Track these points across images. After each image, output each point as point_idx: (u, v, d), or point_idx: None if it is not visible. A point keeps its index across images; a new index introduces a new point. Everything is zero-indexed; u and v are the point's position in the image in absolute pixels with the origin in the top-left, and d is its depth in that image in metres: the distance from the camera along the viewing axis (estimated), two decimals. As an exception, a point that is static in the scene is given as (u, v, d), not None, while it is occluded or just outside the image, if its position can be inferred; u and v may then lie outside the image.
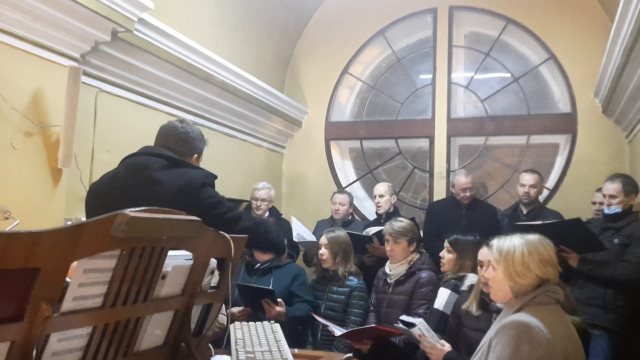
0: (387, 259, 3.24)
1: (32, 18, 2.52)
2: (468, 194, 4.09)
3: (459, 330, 2.46)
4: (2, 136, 2.46)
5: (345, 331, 2.45)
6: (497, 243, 1.79)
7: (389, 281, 3.12)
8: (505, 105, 5.15)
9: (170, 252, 1.29)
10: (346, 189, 5.22)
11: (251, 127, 4.96)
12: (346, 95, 5.75)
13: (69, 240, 0.99)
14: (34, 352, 1.00)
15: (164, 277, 1.30)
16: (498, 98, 5.17)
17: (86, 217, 2.04)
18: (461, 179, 4.11)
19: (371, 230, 3.87)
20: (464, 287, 2.59)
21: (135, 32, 3.06)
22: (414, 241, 3.16)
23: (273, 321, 1.98)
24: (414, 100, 5.44)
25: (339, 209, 4.46)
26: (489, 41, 5.20)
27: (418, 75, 5.48)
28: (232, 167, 4.54)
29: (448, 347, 2.25)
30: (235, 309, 2.95)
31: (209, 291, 1.56)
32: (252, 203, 4.23)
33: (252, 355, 1.61)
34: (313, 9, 5.66)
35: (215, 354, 1.68)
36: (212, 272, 1.53)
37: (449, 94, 5.20)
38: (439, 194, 5.08)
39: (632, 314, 3.14)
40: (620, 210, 3.21)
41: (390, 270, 3.14)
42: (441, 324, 2.61)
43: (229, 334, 1.80)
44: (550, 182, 4.91)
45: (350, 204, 4.57)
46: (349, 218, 4.56)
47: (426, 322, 2.39)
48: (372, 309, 3.19)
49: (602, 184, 3.42)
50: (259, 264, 3.22)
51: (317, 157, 5.62)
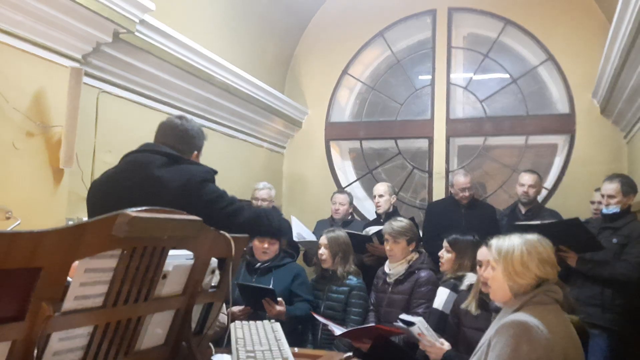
0: (386, 259, 3.25)
1: (33, 19, 2.53)
2: (467, 194, 4.10)
3: (459, 329, 2.46)
4: (3, 136, 2.46)
5: (345, 330, 2.46)
6: (496, 243, 1.79)
7: (388, 280, 3.13)
8: (504, 105, 5.16)
9: (171, 252, 1.29)
10: (346, 189, 5.22)
11: (251, 127, 4.96)
12: (346, 96, 5.75)
13: (71, 240, 0.99)
14: (35, 352, 1.00)
15: (164, 277, 1.31)
16: (497, 99, 5.17)
17: (88, 214, 2.05)
18: (460, 179, 4.12)
19: (371, 230, 3.88)
20: (463, 287, 2.60)
21: (136, 33, 3.07)
22: (413, 241, 3.17)
23: (273, 320, 1.99)
24: (413, 100, 5.45)
25: (339, 209, 4.47)
26: (487, 42, 5.21)
27: (417, 76, 5.49)
28: (232, 167, 4.54)
29: (447, 345, 2.26)
30: (236, 308, 2.96)
31: (210, 290, 1.57)
32: (253, 203, 4.24)
33: (253, 354, 1.62)
34: (313, 10, 5.66)
35: (216, 353, 1.69)
36: (213, 272, 1.54)
37: (448, 94, 5.21)
38: (438, 194, 5.09)
39: (631, 313, 3.14)
40: (618, 210, 3.22)
41: (390, 270, 3.15)
42: (440, 323, 2.62)
43: (229, 333, 1.81)
44: (549, 182, 4.92)
45: (350, 204, 4.57)
46: (349, 218, 4.56)
47: (425, 321, 2.40)
48: (371, 308, 3.20)
49: (601, 184, 3.42)
50: (259, 264, 3.23)
51: (317, 157, 5.62)
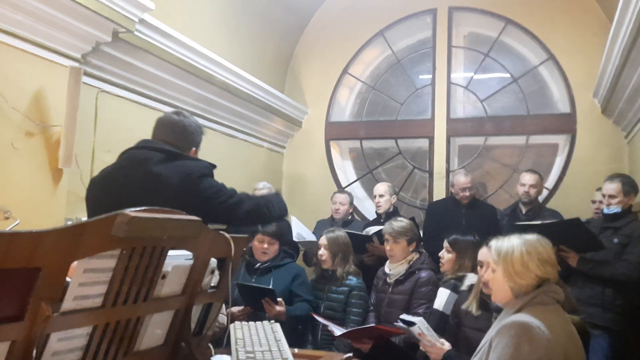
0: (387, 259, 3.24)
1: (33, 18, 2.52)
2: (467, 194, 4.10)
3: (459, 329, 2.46)
4: (3, 136, 2.46)
5: (345, 331, 2.45)
6: (496, 244, 1.78)
7: (388, 281, 3.12)
8: (504, 105, 5.15)
9: (171, 252, 1.29)
10: (346, 189, 5.22)
11: (251, 127, 4.96)
12: (346, 95, 5.75)
13: (70, 240, 0.99)
14: (34, 352, 1.00)
15: (164, 277, 1.31)
16: (497, 98, 5.17)
17: (87, 212, 2.05)
18: (460, 179, 4.12)
19: (371, 230, 3.87)
20: (463, 287, 2.59)
21: (136, 32, 3.07)
22: (413, 241, 3.17)
23: (273, 321, 1.99)
24: (413, 100, 5.44)
25: (339, 209, 4.46)
26: (488, 41, 5.20)
27: (418, 75, 5.48)
28: (232, 167, 4.54)
29: (448, 345, 2.25)
30: (235, 309, 2.95)
31: (209, 291, 1.56)
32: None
33: (252, 355, 1.62)
34: (313, 9, 5.66)
35: (216, 353, 1.68)
36: (213, 272, 1.53)
37: (448, 94, 5.20)
38: (439, 194, 5.08)
39: (632, 313, 3.14)
40: (619, 210, 3.22)
41: (390, 270, 3.14)
42: (441, 324, 2.61)
43: (229, 333, 1.80)
44: (550, 182, 4.91)
45: (351, 203, 4.57)
46: (349, 218, 4.56)
47: (426, 322, 2.39)
48: (371, 308, 3.19)
49: (602, 184, 3.42)
50: (259, 264, 3.22)
51: (317, 157, 5.62)
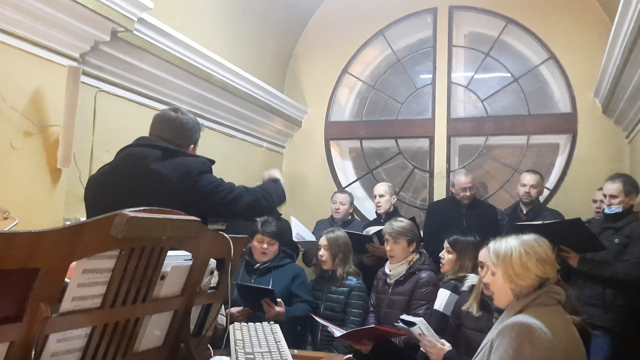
0: (387, 259, 3.23)
1: (31, 18, 2.51)
2: (468, 194, 4.09)
3: (459, 330, 2.45)
4: (1, 136, 2.45)
5: (345, 332, 2.44)
6: (494, 246, 1.78)
7: (388, 281, 3.11)
8: (505, 105, 5.15)
9: (170, 253, 1.28)
10: (346, 188, 5.22)
11: (251, 126, 4.95)
12: (346, 95, 5.74)
13: (68, 240, 0.99)
14: (32, 353, 0.99)
15: (163, 278, 1.30)
16: (498, 98, 5.16)
17: (86, 210, 2.04)
18: (461, 179, 4.11)
19: (371, 230, 3.87)
20: (464, 288, 2.58)
21: (134, 31, 3.06)
22: (413, 241, 3.15)
23: (273, 322, 1.98)
24: (414, 100, 5.43)
25: (339, 209, 4.46)
26: (489, 41, 5.19)
27: (418, 75, 5.47)
28: (231, 167, 4.53)
29: (448, 346, 2.24)
30: (235, 309, 2.94)
31: (209, 291, 1.56)
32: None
33: (252, 356, 1.61)
34: (313, 8, 5.65)
35: (215, 354, 1.67)
36: (212, 273, 1.53)
37: (448, 93, 5.20)
38: (439, 194, 5.07)
39: (632, 313, 3.14)
40: (620, 210, 3.21)
41: (390, 271, 3.13)
42: (441, 324, 2.60)
43: (228, 334, 1.79)
44: (551, 182, 4.91)
45: (351, 203, 4.56)
46: (349, 218, 4.55)
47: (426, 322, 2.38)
48: (371, 309, 3.18)
49: (603, 184, 3.41)
50: (258, 264, 3.21)
51: (317, 157, 5.61)
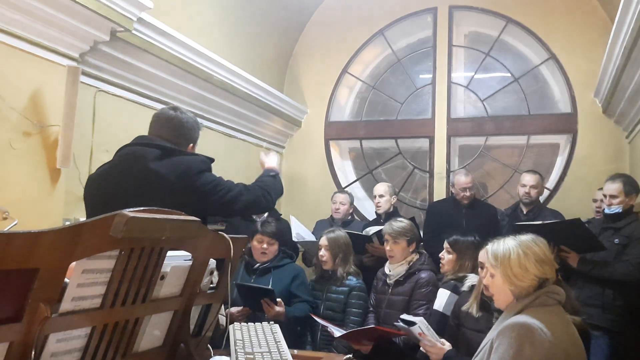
0: (386, 259, 3.23)
1: (31, 18, 2.51)
2: (468, 194, 4.09)
3: (459, 330, 2.45)
4: (0, 136, 2.45)
5: (345, 332, 2.44)
6: (492, 248, 1.77)
7: (388, 282, 3.11)
8: (505, 105, 5.15)
9: (169, 253, 1.28)
10: (346, 189, 5.22)
11: (250, 127, 4.95)
12: (346, 95, 5.74)
13: (68, 240, 0.98)
14: (32, 353, 0.99)
15: (162, 278, 1.30)
16: (498, 98, 5.16)
17: (85, 210, 2.04)
18: (461, 179, 4.11)
19: (371, 230, 3.86)
20: (464, 288, 2.58)
21: (134, 31, 3.06)
22: (413, 241, 3.15)
23: (272, 322, 1.98)
24: (413, 100, 5.43)
25: (339, 209, 4.45)
26: (489, 41, 5.19)
27: (418, 75, 5.47)
28: (231, 167, 4.52)
29: (448, 345, 2.24)
30: (234, 309, 2.94)
31: (208, 292, 1.55)
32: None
33: (252, 357, 1.61)
34: (313, 8, 5.65)
35: (215, 354, 1.67)
36: (211, 273, 1.52)
37: (448, 93, 5.19)
38: (439, 194, 5.07)
39: (631, 314, 3.13)
40: (620, 210, 3.21)
41: (390, 271, 3.13)
42: (441, 325, 2.59)
43: (228, 334, 1.79)
44: (551, 183, 4.91)
45: (351, 204, 4.56)
46: (349, 218, 4.55)
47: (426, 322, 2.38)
48: (371, 309, 3.18)
49: (603, 184, 3.41)
50: (258, 264, 3.21)
51: (317, 157, 5.61)
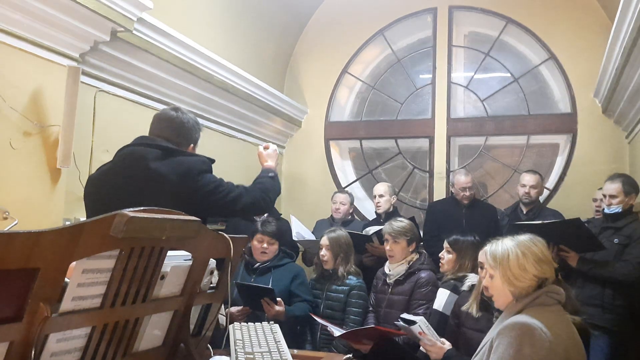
0: (386, 259, 3.23)
1: (31, 18, 2.51)
2: (468, 194, 4.09)
3: (459, 330, 2.45)
4: (1, 136, 2.45)
5: (345, 332, 2.44)
6: (490, 249, 1.77)
7: (388, 281, 3.11)
8: (505, 105, 5.14)
9: (170, 253, 1.28)
10: (346, 189, 5.22)
11: (250, 126, 4.95)
12: (346, 95, 5.73)
13: (68, 240, 0.98)
14: (32, 353, 0.99)
15: (163, 278, 1.30)
16: (498, 98, 5.16)
17: (85, 209, 2.04)
18: (461, 178, 4.11)
19: (371, 230, 3.86)
20: (464, 287, 2.58)
21: (134, 31, 3.05)
22: (413, 241, 3.15)
23: (272, 322, 1.98)
24: (413, 100, 5.43)
25: (339, 209, 4.45)
26: (488, 41, 5.19)
27: (418, 75, 5.47)
28: (231, 167, 4.52)
29: (448, 345, 2.24)
30: (234, 309, 2.94)
31: (208, 291, 1.55)
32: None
33: (252, 356, 1.61)
34: (313, 8, 5.65)
35: (215, 354, 1.67)
36: (212, 273, 1.52)
37: (448, 93, 5.19)
38: (439, 194, 5.07)
39: (631, 314, 3.13)
40: (620, 210, 3.21)
41: (390, 271, 3.13)
42: (440, 324, 2.60)
43: (228, 334, 1.79)
44: (551, 183, 4.91)
45: (351, 204, 4.56)
46: (349, 218, 4.55)
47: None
48: (371, 309, 3.18)
49: (602, 184, 3.41)
50: (258, 264, 3.21)
51: (317, 157, 5.61)
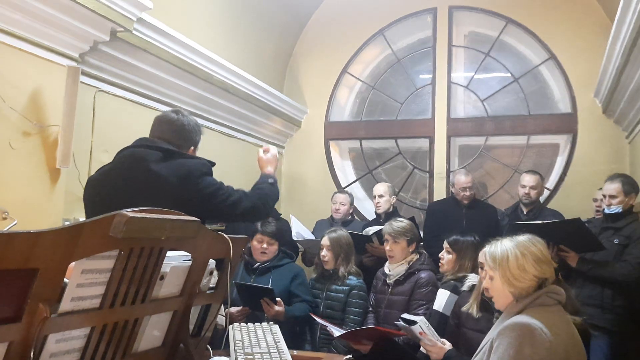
0: (386, 260, 3.23)
1: (31, 17, 2.51)
2: (468, 194, 4.09)
3: (459, 330, 2.45)
4: (0, 136, 2.45)
5: (344, 332, 2.43)
6: (489, 250, 1.77)
7: (388, 281, 3.11)
8: (505, 105, 5.14)
9: (169, 253, 1.28)
10: (346, 189, 5.21)
11: (250, 127, 4.94)
12: (346, 95, 5.73)
13: (67, 240, 0.98)
14: (31, 353, 0.99)
15: (162, 278, 1.30)
16: (498, 98, 5.16)
17: (85, 212, 2.04)
18: (461, 178, 4.11)
19: (371, 230, 3.86)
20: (464, 288, 2.58)
21: (134, 31, 3.05)
22: (413, 241, 3.15)
23: (272, 322, 1.98)
24: (413, 100, 5.43)
25: (339, 209, 4.45)
26: (488, 41, 5.19)
27: (418, 75, 5.47)
28: (230, 168, 4.52)
29: (449, 345, 2.24)
30: (234, 309, 2.94)
31: (208, 292, 1.55)
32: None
33: (251, 357, 1.60)
34: (313, 8, 5.64)
35: (214, 355, 1.67)
36: (211, 273, 1.52)
37: (448, 93, 5.19)
38: (439, 194, 5.06)
39: (631, 314, 3.13)
40: (620, 210, 3.21)
41: (390, 271, 3.13)
42: (440, 325, 2.59)
43: (227, 334, 1.79)
44: (551, 183, 4.90)
45: (351, 204, 4.56)
46: (349, 218, 4.55)
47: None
48: (370, 309, 3.18)
49: (603, 184, 3.41)
50: (257, 264, 3.21)
51: (317, 157, 5.60)
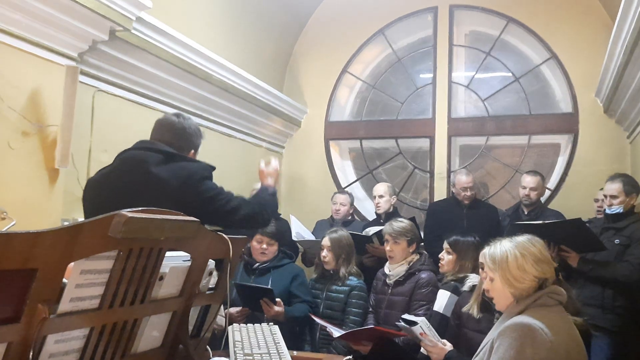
0: (386, 260, 3.22)
1: (29, 17, 2.50)
2: (469, 194, 4.09)
3: (460, 331, 2.44)
4: (-1, 136, 2.44)
5: (344, 332, 2.43)
6: (489, 251, 1.77)
7: (388, 282, 3.10)
8: (506, 104, 5.13)
9: (168, 253, 1.27)
10: (346, 189, 5.21)
11: (250, 126, 4.94)
12: (346, 94, 5.72)
13: (66, 240, 0.98)
14: (30, 354, 0.99)
15: (161, 279, 1.29)
16: (499, 98, 5.15)
17: (84, 213, 2.03)
18: (462, 178, 4.11)
19: (371, 230, 3.86)
20: (465, 288, 2.57)
21: (133, 31, 3.04)
22: (413, 242, 3.14)
23: (272, 322, 1.97)
24: (414, 99, 5.42)
25: (339, 209, 4.45)
26: (489, 40, 5.18)
27: (418, 74, 5.46)
28: (230, 168, 4.52)
29: (449, 346, 2.24)
30: (234, 310, 2.93)
31: (207, 292, 1.55)
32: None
33: (251, 357, 1.60)
34: (312, 7, 5.64)
35: (214, 355, 1.66)
36: (211, 273, 1.52)
37: (449, 93, 5.18)
38: (440, 194, 5.06)
39: (632, 314, 3.13)
40: (621, 210, 3.20)
41: (390, 271, 3.12)
42: (441, 326, 2.59)
43: (227, 335, 1.78)
44: (552, 183, 4.89)
45: (351, 204, 4.56)
46: (349, 218, 4.55)
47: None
48: (371, 310, 3.17)
49: (604, 184, 3.41)
50: (257, 264, 3.20)
51: (317, 157, 5.60)
